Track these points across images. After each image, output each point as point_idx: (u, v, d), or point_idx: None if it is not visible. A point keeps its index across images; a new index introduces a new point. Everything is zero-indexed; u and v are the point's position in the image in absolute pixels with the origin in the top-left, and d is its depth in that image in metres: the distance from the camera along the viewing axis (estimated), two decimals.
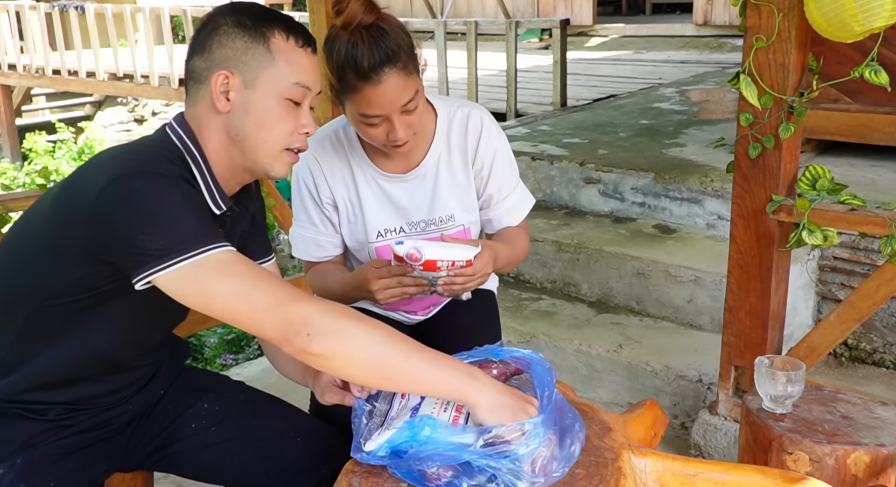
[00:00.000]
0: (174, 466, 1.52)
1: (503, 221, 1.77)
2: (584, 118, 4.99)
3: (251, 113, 1.28)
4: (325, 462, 1.48)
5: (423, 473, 1.13)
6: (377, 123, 1.52)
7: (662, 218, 3.40)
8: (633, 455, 1.26)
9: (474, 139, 1.69)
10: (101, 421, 1.41)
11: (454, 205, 1.72)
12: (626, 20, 11.10)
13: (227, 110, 1.28)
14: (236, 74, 1.27)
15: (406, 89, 1.49)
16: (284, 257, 6.61)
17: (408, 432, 1.13)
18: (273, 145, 1.31)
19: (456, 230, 1.74)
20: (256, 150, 1.30)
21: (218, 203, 1.31)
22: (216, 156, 1.31)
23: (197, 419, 1.50)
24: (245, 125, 1.29)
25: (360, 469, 1.19)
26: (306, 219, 1.74)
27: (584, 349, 2.76)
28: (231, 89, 1.27)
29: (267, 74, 1.27)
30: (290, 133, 1.32)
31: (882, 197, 2.83)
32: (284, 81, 1.28)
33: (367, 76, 1.45)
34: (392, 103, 1.48)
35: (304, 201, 1.73)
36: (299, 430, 1.51)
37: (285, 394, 2.82)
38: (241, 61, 1.27)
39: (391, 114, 1.50)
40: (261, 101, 1.28)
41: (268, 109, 1.29)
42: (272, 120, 1.29)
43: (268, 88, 1.28)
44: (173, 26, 9.67)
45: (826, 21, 1.68)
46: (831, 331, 2.02)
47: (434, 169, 1.70)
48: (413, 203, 1.71)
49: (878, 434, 1.56)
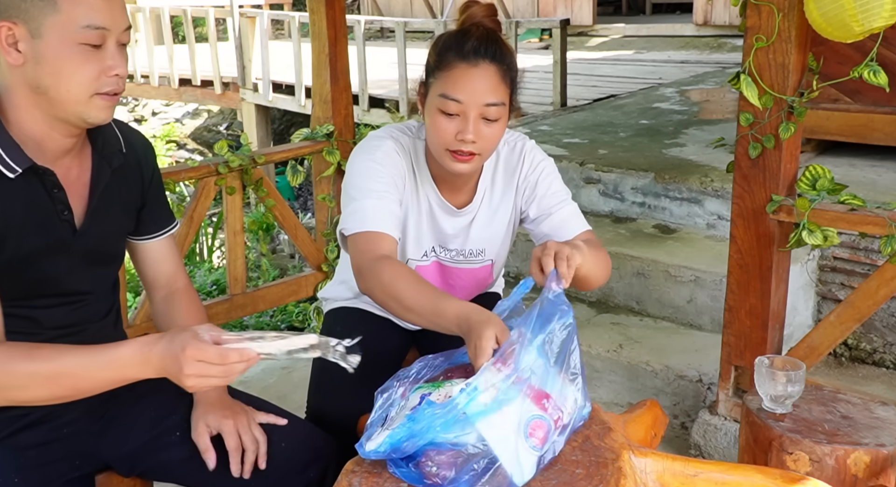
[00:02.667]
0: (165, 474, 1.50)
1: (561, 232, 1.61)
2: (584, 118, 4.99)
3: (44, 63, 1.22)
4: (312, 464, 1.47)
5: (422, 473, 1.13)
6: (453, 113, 1.44)
7: (662, 218, 3.40)
8: (634, 455, 1.26)
9: (517, 168, 1.66)
10: (53, 410, 1.37)
11: (487, 241, 1.70)
12: (626, 20, 11.09)
13: (20, 63, 1.22)
14: (20, 23, 1.20)
15: (496, 90, 1.44)
16: (284, 257, 6.61)
17: (408, 425, 1.13)
18: (78, 94, 1.24)
19: (483, 266, 1.72)
20: (62, 100, 1.24)
21: (9, 165, 1.24)
22: (24, 112, 1.26)
23: (181, 428, 1.46)
24: (42, 76, 1.23)
25: (360, 469, 1.19)
26: (385, 189, 1.52)
27: (584, 349, 2.76)
28: (19, 40, 1.21)
29: (52, 21, 1.20)
30: (96, 78, 1.25)
31: (882, 197, 2.83)
32: (73, 25, 1.21)
33: (466, 57, 1.43)
34: (478, 94, 1.43)
35: (385, 177, 1.53)
36: (283, 434, 1.48)
37: (285, 394, 2.85)
38: (21, 9, 1.20)
39: (472, 108, 1.43)
40: (52, 50, 1.21)
41: (61, 58, 1.21)
42: (69, 68, 1.22)
43: (56, 35, 1.21)
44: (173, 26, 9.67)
45: (826, 21, 1.68)
46: (831, 331, 2.02)
47: (478, 205, 1.67)
48: (454, 233, 1.68)
49: (878, 433, 1.56)
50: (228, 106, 9.75)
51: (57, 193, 1.32)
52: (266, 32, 8.12)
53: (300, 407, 1.69)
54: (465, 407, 1.11)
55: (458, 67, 1.43)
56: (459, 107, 1.43)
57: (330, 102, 3.01)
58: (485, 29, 1.47)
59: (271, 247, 6.71)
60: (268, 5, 10.26)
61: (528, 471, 1.15)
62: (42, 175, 1.29)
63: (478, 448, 1.12)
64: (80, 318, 1.42)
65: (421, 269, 1.70)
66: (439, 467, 1.12)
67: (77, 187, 1.37)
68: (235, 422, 1.42)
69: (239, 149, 2.88)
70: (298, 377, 2.97)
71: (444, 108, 1.45)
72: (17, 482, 1.31)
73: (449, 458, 1.12)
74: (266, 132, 8.83)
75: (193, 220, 2.74)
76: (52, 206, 1.32)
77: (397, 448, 1.13)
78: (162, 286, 1.58)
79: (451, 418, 1.10)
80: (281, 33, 11.57)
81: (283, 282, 3.13)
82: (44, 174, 1.29)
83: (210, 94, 9.14)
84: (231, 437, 1.41)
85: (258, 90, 8.35)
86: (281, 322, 5.01)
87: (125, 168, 1.45)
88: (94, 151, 1.39)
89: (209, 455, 1.40)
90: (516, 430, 1.14)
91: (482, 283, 1.79)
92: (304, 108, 7.52)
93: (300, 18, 7.68)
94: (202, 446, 1.41)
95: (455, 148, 1.46)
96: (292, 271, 5.95)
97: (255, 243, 6.43)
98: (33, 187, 1.29)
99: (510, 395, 1.15)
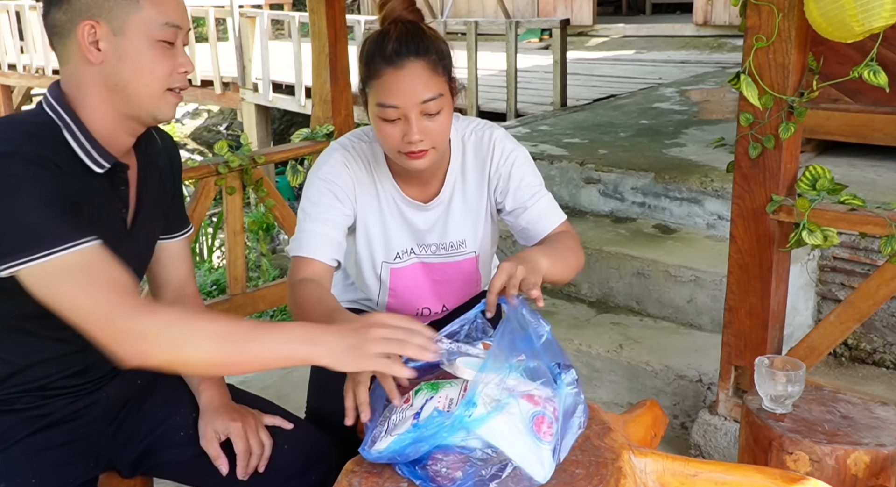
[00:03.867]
0: (167, 473, 1.51)
1: (538, 226, 1.64)
2: (584, 118, 4.99)
3: (126, 60, 1.26)
4: (313, 466, 1.48)
5: (430, 474, 1.13)
6: (394, 119, 1.44)
7: (662, 218, 3.40)
8: (634, 455, 1.26)
9: (487, 159, 1.65)
10: (74, 411, 1.39)
11: (466, 231, 1.69)
12: (626, 20, 11.10)
13: (99, 61, 1.26)
14: (102, 22, 1.24)
15: (428, 85, 1.43)
16: (284, 257, 6.61)
17: (414, 432, 1.13)
18: (155, 89, 1.29)
19: (466, 258, 1.71)
20: (139, 96, 1.29)
21: (98, 161, 1.29)
22: (97, 111, 1.29)
23: (185, 429, 1.48)
24: (122, 73, 1.27)
25: (360, 469, 1.19)
26: (326, 216, 1.57)
27: (584, 349, 2.76)
28: (100, 39, 1.25)
29: (134, 19, 1.25)
30: (170, 74, 1.30)
31: (882, 197, 2.83)
32: (154, 23, 1.27)
33: (391, 59, 1.42)
34: (411, 94, 1.42)
35: (326, 199, 1.58)
36: (286, 436, 1.49)
37: (284, 394, 2.84)
38: (105, 9, 1.24)
39: (410, 110, 1.43)
40: (133, 46, 1.26)
41: (142, 54, 1.27)
42: (149, 64, 1.28)
43: (138, 32, 1.26)
44: None
45: (826, 21, 1.68)
46: (831, 331, 2.02)
47: (449, 195, 1.67)
48: (428, 227, 1.67)
49: (878, 433, 1.56)
50: (228, 106, 9.76)
51: (123, 189, 1.36)
52: (266, 32, 8.12)
53: (300, 407, 1.69)
54: (469, 418, 1.11)
55: (386, 72, 1.43)
56: (398, 111, 1.44)
57: (330, 102, 3.01)
58: (403, 25, 1.46)
59: (271, 247, 6.71)
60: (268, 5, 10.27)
61: (548, 465, 1.15)
62: (119, 172, 1.34)
63: (487, 454, 1.12)
64: None
65: (399, 272, 1.68)
66: (448, 468, 1.12)
67: (131, 184, 1.40)
68: (244, 425, 1.43)
69: (239, 149, 2.88)
70: (298, 377, 2.97)
71: (384, 115, 1.45)
72: (35, 483, 1.31)
73: (457, 460, 1.12)
74: (266, 132, 8.83)
75: (193, 220, 2.74)
76: (118, 202, 1.36)
77: (402, 453, 1.13)
78: (173, 289, 1.58)
79: (457, 427, 1.11)
80: (281, 33, 11.57)
81: (283, 282, 3.13)
82: (121, 171, 1.34)
83: (210, 94, 9.15)
84: (240, 440, 1.42)
85: (258, 90, 8.35)
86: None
87: (163, 169, 1.49)
88: (138, 151, 1.42)
89: (221, 461, 1.42)
90: (524, 429, 1.14)
91: (469, 278, 1.76)
92: (304, 108, 7.52)
93: (300, 18, 7.68)
94: (213, 453, 1.42)
95: (406, 150, 1.47)
96: None
97: (255, 243, 6.43)
98: (109, 182, 1.33)
99: (506, 399, 1.15)
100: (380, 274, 1.69)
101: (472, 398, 1.12)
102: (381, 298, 1.72)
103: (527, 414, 1.16)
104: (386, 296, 1.72)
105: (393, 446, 1.13)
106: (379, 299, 1.73)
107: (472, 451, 1.12)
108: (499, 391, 1.15)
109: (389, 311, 1.72)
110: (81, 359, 1.37)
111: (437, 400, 1.20)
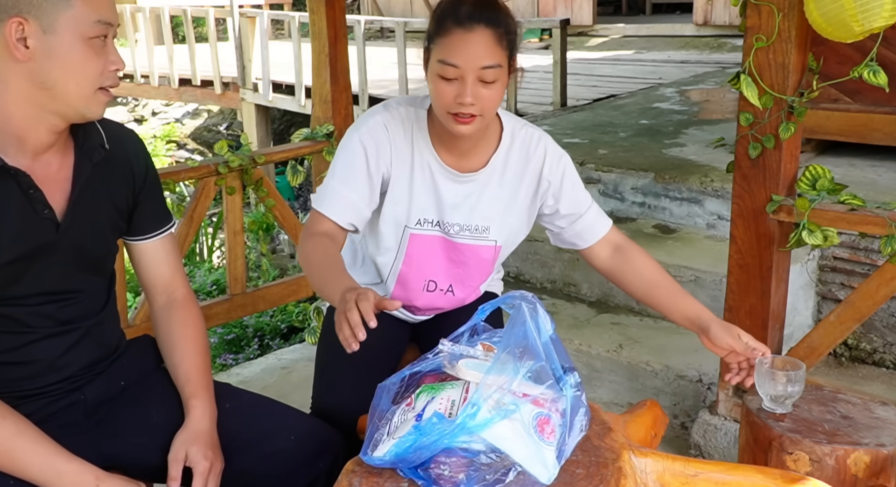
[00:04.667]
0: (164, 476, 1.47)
1: (594, 229, 1.75)
2: (584, 118, 4.99)
3: (56, 58, 1.24)
4: (321, 456, 1.48)
5: (432, 477, 1.12)
6: (452, 78, 1.49)
7: (662, 218, 3.40)
8: (634, 455, 1.26)
9: (535, 159, 1.70)
10: (53, 412, 1.38)
11: (493, 219, 1.71)
12: (626, 20, 11.09)
13: (27, 59, 1.23)
14: (31, 19, 1.21)
15: (492, 53, 1.49)
16: (284, 257, 6.62)
17: (415, 435, 1.13)
18: (86, 88, 1.27)
19: (487, 245, 1.73)
20: (67, 95, 1.26)
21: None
22: (13, 107, 1.26)
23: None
24: (51, 72, 1.24)
25: (360, 469, 1.19)
26: (352, 177, 1.62)
27: (584, 348, 2.76)
28: (28, 36, 1.22)
29: (66, 16, 1.22)
30: (101, 72, 1.28)
31: (882, 197, 2.83)
32: (85, 20, 1.24)
33: (462, 22, 1.48)
34: (474, 58, 1.47)
35: (360, 161, 1.62)
36: (291, 428, 1.49)
37: (285, 394, 2.84)
38: (34, 5, 1.21)
39: (468, 72, 1.48)
40: (64, 44, 1.23)
41: (74, 53, 1.24)
42: (80, 63, 1.25)
43: (69, 30, 1.23)
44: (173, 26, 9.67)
45: (826, 21, 1.68)
46: (831, 331, 2.02)
47: (487, 178, 1.69)
48: (456, 204, 1.69)
49: (878, 433, 1.56)
50: (228, 106, 9.76)
51: (34, 193, 1.30)
52: (266, 32, 8.12)
53: (300, 407, 1.69)
54: (472, 423, 1.11)
55: (455, 32, 1.49)
56: (457, 71, 1.48)
57: (330, 102, 3.01)
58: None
59: (271, 247, 6.71)
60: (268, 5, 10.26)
61: (552, 466, 1.15)
62: (15, 176, 1.28)
63: (491, 459, 1.12)
64: (70, 316, 1.41)
65: (418, 239, 1.71)
66: (451, 471, 1.12)
67: (58, 182, 1.36)
68: (211, 469, 1.40)
69: (239, 149, 2.88)
70: (298, 377, 2.97)
71: (443, 73, 1.50)
72: (13, 484, 1.30)
73: (460, 463, 1.12)
74: (266, 132, 8.83)
75: (193, 220, 2.74)
76: (31, 206, 1.31)
77: (403, 457, 1.13)
78: (160, 292, 1.56)
79: (459, 432, 1.11)
80: (281, 33, 11.57)
81: (283, 282, 3.13)
82: (16, 175, 1.28)
83: (210, 94, 9.15)
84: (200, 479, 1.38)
85: (258, 90, 8.35)
86: (281, 322, 5.02)
87: (112, 165, 1.44)
88: (77, 146, 1.39)
89: (175, 484, 1.39)
90: (527, 431, 1.14)
91: (484, 267, 1.78)
92: (304, 108, 7.52)
93: (300, 18, 7.68)
94: (173, 473, 1.39)
95: (455, 111, 1.51)
96: (292, 271, 5.95)
97: (255, 243, 6.43)
98: (9, 187, 1.28)
99: (509, 401, 1.15)
100: (400, 238, 1.71)
101: (476, 401, 1.12)
102: (395, 264, 1.75)
103: (531, 415, 1.16)
104: (401, 263, 1.74)
105: (394, 449, 1.13)
106: (393, 265, 1.75)
107: (476, 455, 1.12)
108: (503, 395, 1.15)
109: (400, 277, 1.75)
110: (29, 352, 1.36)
111: (439, 402, 1.20)
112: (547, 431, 1.17)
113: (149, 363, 1.56)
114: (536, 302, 1.25)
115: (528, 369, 1.20)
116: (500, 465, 1.12)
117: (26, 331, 1.36)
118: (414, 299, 1.78)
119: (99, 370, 1.46)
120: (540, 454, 1.14)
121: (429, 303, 1.80)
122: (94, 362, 1.46)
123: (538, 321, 1.24)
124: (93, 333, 1.45)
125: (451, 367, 1.24)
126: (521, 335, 1.21)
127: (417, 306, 1.81)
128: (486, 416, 1.12)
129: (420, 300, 1.79)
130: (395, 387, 1.30)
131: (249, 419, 1.50)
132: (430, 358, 1.32)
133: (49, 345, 1.39)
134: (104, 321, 1.49)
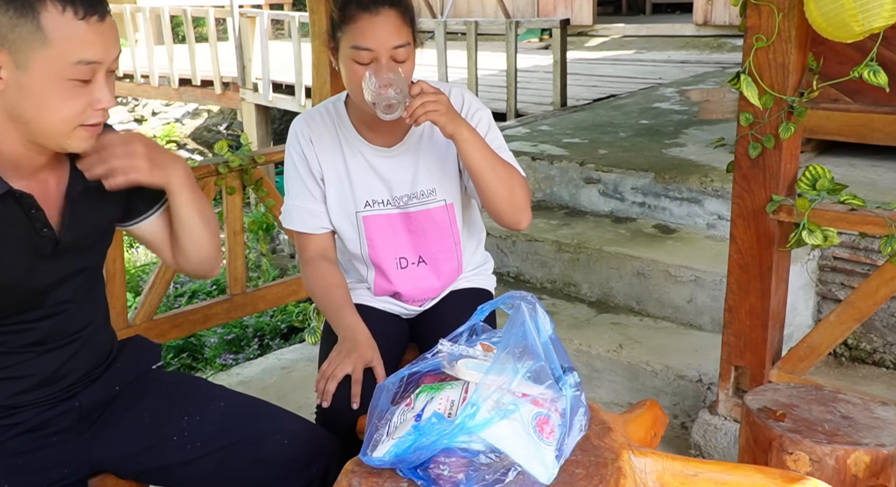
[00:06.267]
0: (166, 478, 1.49)
1: None
2: (584, 118, 4.99)
3: (28, 96, 1.14)
4: (314, 460, 1.47)
5: (431, 476, 1.12)
6: (366, 61, 1.55)
7: (662, 218, 3.40)
8: (633, 455, 1.26)
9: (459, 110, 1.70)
10: (46, 419, 1.37)
11: (435, 179, 1.76)
12: (626, 20, 11.09)
13: (1, 89, 1.14)
14: (4, 51, 1.12)
15: (400, 33, 1.56)
16: (284, 257, 6.62)
17: (414, 435, 1.12)
18: (61, 127, 1.18)
19: (437, 206, 1.77)
20: (42, 131, 1.18)
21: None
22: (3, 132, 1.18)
23: (179, 432, 1.45)
24: (24, 107, 1.15)
25: (360, 469, 1.19)
26: (300, 189, 1.76)
27: (584, 348, 2.76)
28: (3, 66, 1.13)
29: (40, 55, 1.12)
30: (81, 112, 1.18)
31: (882, 197, 2.83)
32: (63, 61, 1.13)
33: (367, 6, 1.54)
34: (384, 40, 1.54)
35: (298, 171, 1.76)
36: (284, 431, 1.47)
37: (285, 394, 2.84)
38: (8, 39, 1.11)
39: (382, 54, 1.54)
40: (37, 84, 1.13)
41: (47, 93, 1.14)
42: (56, 104, 1.15)
43: (43, 70, 1.13)
44: (173, 26, 9.67)
45: (826, 21, 1.68)
46: (831, 331, 2.02)
47: (416, 144, 1.74)
48: (397, 177, 1.75)
49: (878, 433, 1.56)
50: (228, 106, 9.76)
51: (35, 213, 1.27)
52: (266, 32, 8.13)
53: (300, 407, 1.70)
54: (471, 423, 1.11)
55: (362, 17, 1.55)
56: (370, 54, 1.55)
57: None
58: None
59: (271, 247, 6.71)
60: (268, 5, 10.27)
61: (551, 466, 1.15)
62: (19, 199, 1.24)
63: (490, 459, 1.12)
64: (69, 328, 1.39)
65: (372, 220, 1.76)
66: (451, 471, 1.11)
67: (55, 199, 1.32)
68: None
69: (239, 149, 2.88)
70: (298, 377, 2.97)
71: (357, 58, 1.56)
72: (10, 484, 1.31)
73: (459, 463, 1.12)
74: (266, 132, 8.84)
75: None
76: (31, 225, 1.28)
77: (403, 457, 1.13)
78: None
79: (458, 432, 1.11)
80: (281, 33, 11.58)
81: (283, 282, 3.13)
82: (20, 197, 1.24)
83: (210, 94, 9.15)
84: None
85: (258, 90, 8.36)
86: (281, 322, 5.02)
87: None
88: (71, 159, 1.33)
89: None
90: (527, 431, 1.14)
91: (444, 230, 1.80)
92: (304, 108, 7.52)
93: (300, 18, 7.68)
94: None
95: None
96: (292, 271, 5.95)
97: (255, 243, 6.43)
98: (11, 209, 1.24)
99: (509, 401, 1.15)
100: (356, 224, 1.77)
101: (476, 401, 1.12)
102: (363, 250, 1.80)
103: (530, 415, 1.16)
104: (367, 247, 1.79)
105: (394, 450, 1.13)
106: (361, 252, 1.80)
107: (476, 455, 1.12)
108: (502, 395, 1.15)
109: (372, 262, 1.80)
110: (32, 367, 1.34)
111: (438, 402, 1.20)
112: (546, 431, 1.17)
113: (142, 365, 1.55)
114: (536, 302, 1.25)
115: (527, 369, 1.20)
116: (499, 465, 1.12)
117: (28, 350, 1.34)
118: (395, 282, 1.81)
119: (94, 376, 1.45)
120: (539, 454, 1.14)
121: (411, 284, 1.82)
122: (91, 369, 1.45)
123: (537, 320, 1.24)
124: (91, 340, 1.44)
125: (450, 367, 1.24)
126: (521, 335, 1.21)
127: (402, 291, 1.82)
128: (485, 416, 1.12)
129: (402, 283, 1.81)
130: (395, 387, 1.29)
131: (244, 421, 1.49)
132: (429, 358, 1.32)
133: (49, 359, 1.37)
134: (99, 326, 1.48)
